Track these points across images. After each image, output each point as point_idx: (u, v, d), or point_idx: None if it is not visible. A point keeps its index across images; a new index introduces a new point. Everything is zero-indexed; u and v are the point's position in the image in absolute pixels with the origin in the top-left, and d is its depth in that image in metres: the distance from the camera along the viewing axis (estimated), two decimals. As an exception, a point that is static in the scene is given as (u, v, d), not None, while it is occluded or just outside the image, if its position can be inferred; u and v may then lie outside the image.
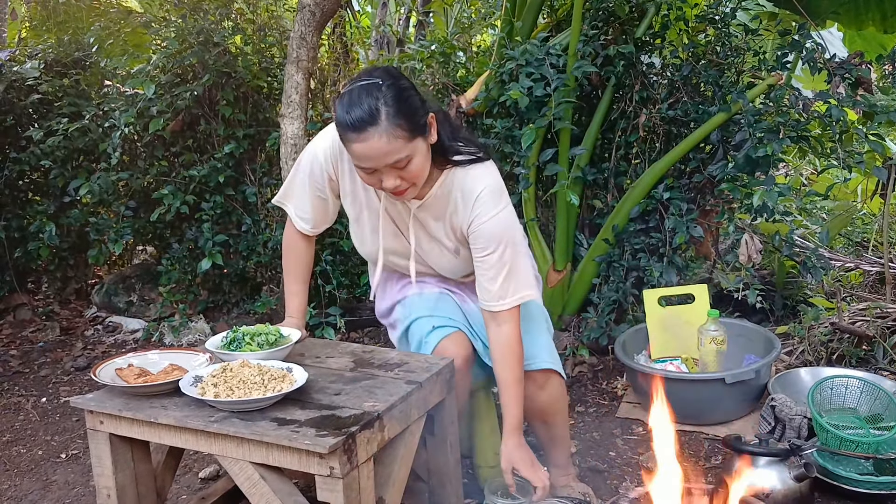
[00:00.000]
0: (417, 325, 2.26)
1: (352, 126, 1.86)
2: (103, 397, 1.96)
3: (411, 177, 1.96)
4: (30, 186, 4.61)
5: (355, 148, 1.89)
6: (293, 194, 2.28)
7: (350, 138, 1.88)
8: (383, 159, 1.89)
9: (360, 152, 1.89)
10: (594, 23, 3.56)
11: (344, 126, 1.88)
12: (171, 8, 4.39)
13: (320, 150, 2.16)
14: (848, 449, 2.45)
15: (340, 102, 1.90)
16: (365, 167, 1.93)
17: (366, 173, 1.95)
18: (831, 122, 3.03)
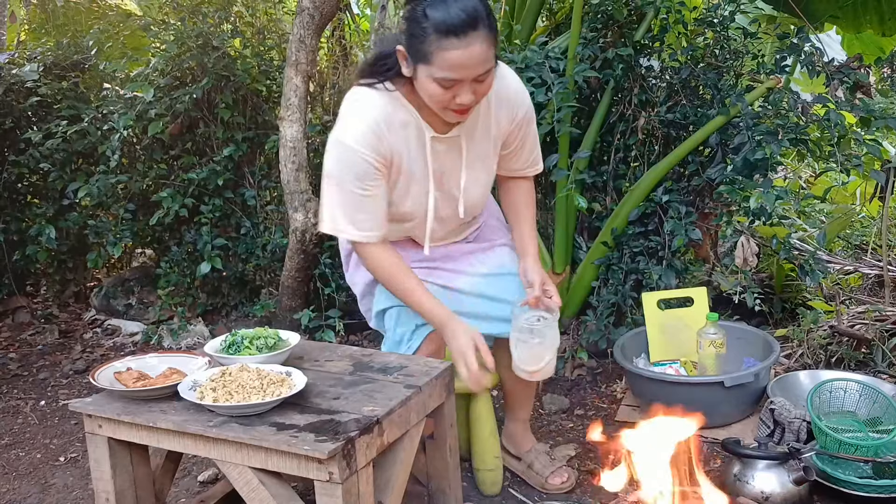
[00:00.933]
0: (398, 319, 2.24)
1: (454, 29, 1.74)
2: (102, 401, 1.96)
3: (483, 90, 1.88)
4: (28, 189, 4.60)
5: (453, 55, 1.76)
6: (343, 214, 2.01)
7: (448, 45, 1.76)
8: (476, 68, 1.81)
9: (457, 60, 1.77)
10: (593, 26, 3.56)
11: (444, 30, 1.75)
12: (169, 11, 4.39)
13: (356, 143, 1.94)
14: (847, 452, 2.45)
15: (431, 6, 1.76)
16: (453, 78, 1.80)
17: (443, 87, 1.82)
18: (829, 125, 3.03)
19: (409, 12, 1.83)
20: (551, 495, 2.53)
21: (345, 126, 1.97)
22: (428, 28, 1.77)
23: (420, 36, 1.79)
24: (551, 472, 2.54)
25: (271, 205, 4.24)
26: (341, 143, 1.96)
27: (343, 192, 1.98)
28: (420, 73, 1.85)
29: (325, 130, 4.02)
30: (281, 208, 4.07)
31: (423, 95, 1.90)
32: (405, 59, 1.88)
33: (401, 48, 1.87)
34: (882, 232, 4.03)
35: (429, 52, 1.79)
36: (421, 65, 1.83)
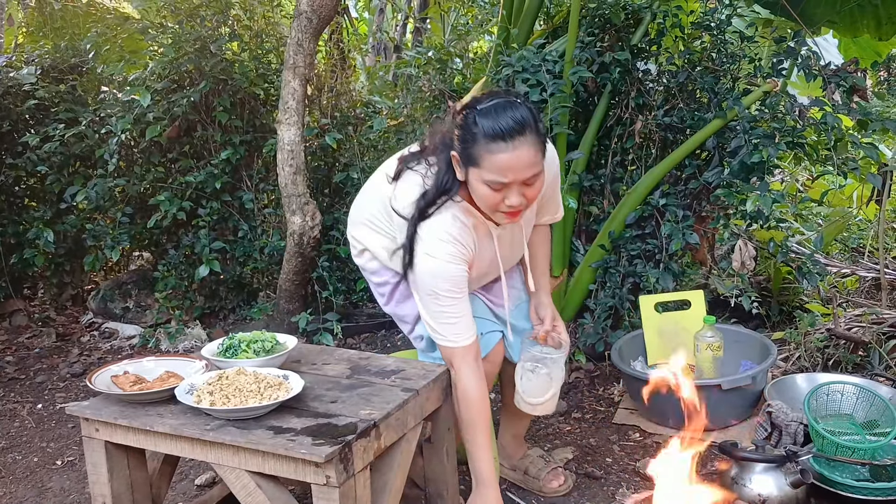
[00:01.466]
0: None
1: (503, 133, 1.87)
2: (99, 405, 1.96)
3: (533, 195, 1.98)
4: (26, 192, 4.60)
5: (501, 158, 1.87)
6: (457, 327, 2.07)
7: (496, 148, 1.87)
8: (525, 171, 1.90)
9: (505, 163, 1.88)
10: (590, 30, 3.57)
11: (493, 135, 1.87)
12: (167, 14, 4.40)
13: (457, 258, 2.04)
14: (844, 455, 2.45)
15: (480, 115, 1.90)
16: (503, 181, 1.90)
17: (493, 190, 1.92)
18: (826, 128, 3.04)
19: (462, 119, 1.96)
20: (549, 499, 2.53)
21: (430, 247, 2.03)
22: (478, 133, 1.89)
23: (471, 141, 1.91)
24: (547, 475, 2.55)
25: (269, 208, 4.25)
26: (431, 260, 2.02)
27: (439, 305, 2.05)
28: (471, 176, 1.95)
29: (322, 134, 4.02)
30: (278, 211, 4.07)
31: (475, 197, 2.00)
32: (458, 164, 1.98)
33: (455, 153, 1.98)
34: (879, 235, 4.03)
35: (479, 155, 1.90)
36: (472, 168, 1.94)
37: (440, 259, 2.02)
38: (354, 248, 2.38)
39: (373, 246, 2.28)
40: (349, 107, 4.38)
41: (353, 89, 4.67)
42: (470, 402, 2.07)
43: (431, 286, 2.04)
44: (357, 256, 2.38)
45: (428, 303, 2.07)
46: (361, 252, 2.35)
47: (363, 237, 2.31)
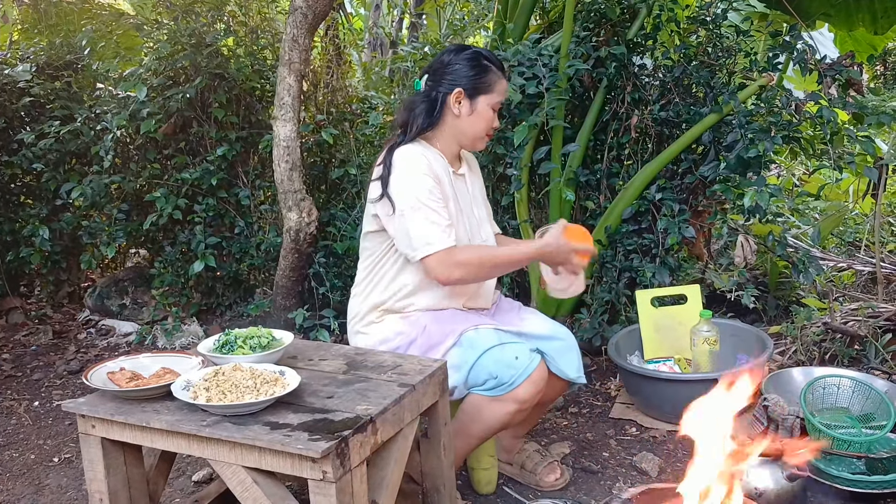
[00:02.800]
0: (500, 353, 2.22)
1: (502, 67, 2.40)
2: (95, 401, 1.95)
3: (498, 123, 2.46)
4: (22, 190, 4.59)
5: (504, 84, 2.39)
6: (434, 229, 2.23)
7: (502, 76, 2.38)
8: (506, 95, 2.43)
9: (505, 87, 2.40)
10: (586, 24, 3.56)
11: (499, 67, 2.38)
12: (163, 10, 4.39)
13: (422, 167, 2.28)
14: (840, 448, 2.46)
15: (486, 55, 2.37)
16: (502, 101, 2.40)
17: (493, 112, 2.38)
18: (822, 122, 3.04)
19: (472, 60, 2.36)
20: (546, 493, 2.53)
21: (403, 166, 2.29)
22: (491, 67, 2.36)
23: (485, 73, 2.35)
24: (543, 469, 2.56)
25: (265, 204, 4.24)
26: (407, 175, 2.27)
27: (426, 214, 2.23)
28: (480, 104, 2.36)
29: (318, 129, 4.02)
30: (275, 208, 4.07)
31: (475, 125, 2.38)
32: (461, 97, 2.34)
33: (460, 90, 2.33)
34: (875, 229, 4.04)
35: (492, 82, 2.35)
36: (483, 96, 2.35)
37: (416, 172, 2.26)
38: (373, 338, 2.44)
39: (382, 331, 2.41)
40: (345, 102, 4.37)
41: (348, 85, 4.66)
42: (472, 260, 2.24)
43: (414, 196, 2.24)
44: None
45: (411, 216, 2.23)
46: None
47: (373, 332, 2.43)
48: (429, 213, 2.22)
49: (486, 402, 2.23)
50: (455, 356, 2.25)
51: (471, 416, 2.27)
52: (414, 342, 2.31)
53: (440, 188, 2.30)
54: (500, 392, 2.20)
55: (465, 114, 2.36)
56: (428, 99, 2.37)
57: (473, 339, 2.25)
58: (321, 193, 4.27)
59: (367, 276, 2.44)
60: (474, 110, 2.36)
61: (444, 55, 2.40)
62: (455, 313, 2.35)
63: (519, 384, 2.18)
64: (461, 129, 2.38)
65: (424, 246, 2.21)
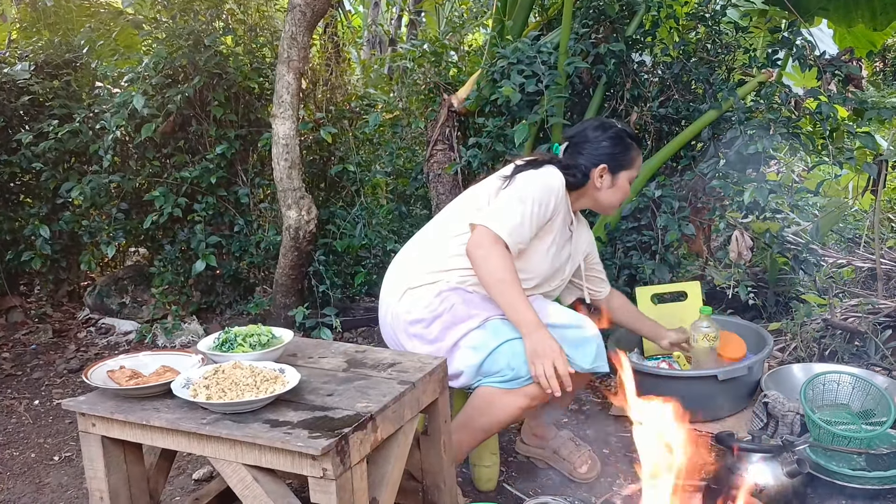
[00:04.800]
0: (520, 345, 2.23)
1: (639, 141, 2.61)
2: (95, 400, 1.95)
3: None
4: (21, 189, 4.59)
5: (639, 159, 2.58)
6: (516, 224, 2.29)
7: (638, 151, 2.56)
8: None
9: (640, 161, 2.60)
10: (585, 21, 3.56)
11: (638, 140, 2.58)
12: (161, 9, 4.38)
13: (557, 188, 2.39)
14: (840, 444, 2.46)
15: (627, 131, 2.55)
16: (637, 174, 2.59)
17: (630, 182, 2.57)
18: (822, 118, 3.04)
19: (611, 136, 2.52)
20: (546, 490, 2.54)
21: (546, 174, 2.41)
22: (633, 145, 2.54)
23: (628, 151, 2.52)
24: (578, 458, 2.61)
25: (264, 202, 4.24)
26: (544, 179, 2.39)
27: (524, 211, 2.31)
28: (621, 178, 2.53)
29: (317, 127, 4.01)
30: (274, 206, 4.07)
31: (614, 197, 2.56)
32: (604, 173, 2.50)
33: (604, 166, 2.49)
34: (874, 225, 4.04)
35: (632, 158, 2.53)
36: (624, 171, 2.52)
37: (546, 182, 2.38)
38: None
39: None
40: (344, 100, 4.37)
41: (348, 83, 4.66)
42: (501, 267, 2.23)
43: (529, 192, 2.33)
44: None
45: (511, 199, 2.32)
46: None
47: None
48: (525, 212, 2.30)
49: (498, 395, 2.24)
50: (476, 338, 2.28)
51: (480, 409, 2.27)
52: (439, 317, 2.32)
53: (552, 217, 2.41)
54: (515, 385, 2.22)
55: (605, 186, 2.52)
56: (578, 167, 2.50)
57: (498, 326, 2.28)
58: (320, 191, 4.27)
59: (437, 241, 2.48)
60: (615, 184, 2.53)
61: (591, 129, 2.55)
62: (486, 299, 2.35)
63: (534, 380, 2.19)
64: (599, 199, 2.55)
65: (495, 221, 2.27)
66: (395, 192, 4.40)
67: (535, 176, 2.39)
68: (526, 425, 2.74)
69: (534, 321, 2.21)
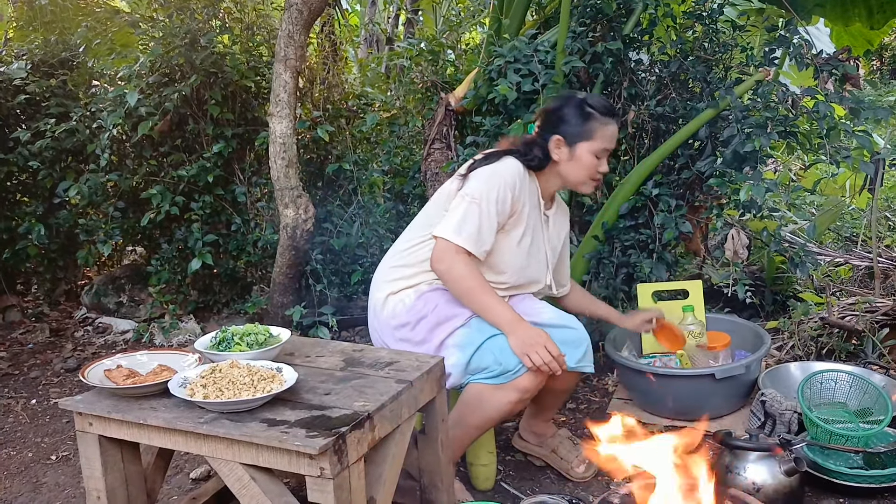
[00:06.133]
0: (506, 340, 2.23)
1: (611, 112, 2.43)
2: (92, 399, 1.95)
3: (608, 166, 2.48)
4: (18, 188, 4.58)
5: (610, 129, 2.42)
6: (472, 229, 2.26)
7: (609, 122, 2.40)
8: (614, 142, 2.46)
9: (612, 133, 2.43)
10: (582, 20, 3.56)
11: (605, 112, 2.40)
12: (158, 8, 4.37)
13: (512, 181, 2.33)
14: (838, 443, 2.46)
15: (588, 101, 2.41)
16: (607, 148, 2.41)
17: (596, 158, 2.41)
18: (819, 117, 3.03)
19: (570, 106, 2.42)
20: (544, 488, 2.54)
21: (500, 167, 2.35)
22: (594, 113, 2.39)
23: (585, 120, 2.39)
24: (576, 459, 2.61)
25: (262, 201, 4.23)
26: (497, 174, 2.33)
27: (480, 213, 2.27)
28: (580, 150, 2.40)
29: (314, 126, 4.01)
30: (271, 205, 4.06)
31: (576, 170, 2.42)
32: (560, 145, 2.40)
33: (558, 137, 2.40)
34: (872, 223, 4.04)
35: (593, 129, 2.39)
36: (583, 142, 2.39)
37: (501, 179, 2.30)
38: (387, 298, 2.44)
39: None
40: (341, 99, 4.37)
41: (345, 81, 4.66)
42: (466, 275, 2.23)
43: (482, 193, 2.27)
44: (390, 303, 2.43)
45: (467, 204, 2.27)
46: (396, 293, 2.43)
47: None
48: (483, 213, 2.26)
49: (487, 391, 2.24)
50: (461, 336, 2.29)
51: (471, 406, 2.28)
52: (424, 318, 2.33)
53: (515, 210, 2.35)
54: (504, 380, 2.21)
55: (564, 160, 2.42)
56: (538, 142, 2.44)
57: (481, 323, 2.28)
58: (317, 190, 4.26)
59: (410, 246, 2.47)
60: (573, 156, 2.41)
61: (553, 102, 2.50)
62: None
63: (522, 373, 2.20)
64: (562, 174, 2.45)
65: (451, 230, 2.25)
66: (392, 190, 4.40)
67: (489, 173, 2.33)
68: (524, 422, 2.74)
69: (512, 318, 2.23)
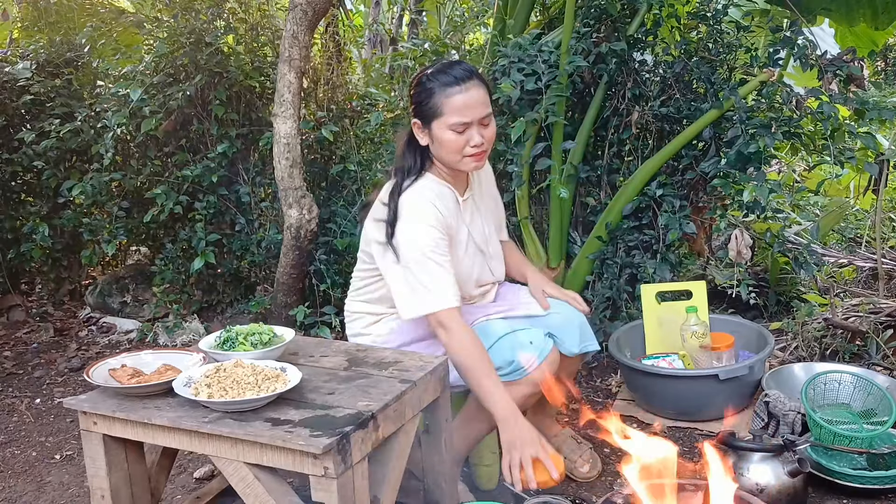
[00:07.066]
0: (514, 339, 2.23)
1: (456, 80, 2.14)
2: (97, 398, 1.96)
3: (490, 135, 2.21)
4: (22, 187, 4.59)
5: (458, 99, 2.12)
6: (432, 288, 2.14)
7: (454, 92, 2.13)
8: (479, 109, 2.15)
9: (463, 102, 2.13)
10: (586, 20, 3.56)
11: (447, 82, 2.13)
12: (162, 8, 4.38)
13: (435, 221, 2.18)
14: (841, 444, 2.46)
15: (432, 75, 2.17)
16: (464, 120, 2.13)
17: (457, 133, 2.15)
18: (823, 118, 3.03)
19: (415, 87, 2.21)
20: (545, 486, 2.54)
21: (411, 213, 2.18)
22: (434, 86, 2.15)
23: (428, 96, 2.15)
24: (580, 458, 2.60)
25: (265, 201, 4.24)
26: (414, 225, 2.17)
27: (426, 268, 2.15)
28: (436, 130, 2.18)
29: (318, 126, 4.01)
30: (275, 205, 4.06)
31: (443, 152, 2.20)
32: (420, 129, 2.21)
33: (416, 121, 2.21)
34: (876, 225, 4.04)
35: (439, 104, 2.14)
36: (435, 121, 2.16)
37: (424, 223, 2.16)
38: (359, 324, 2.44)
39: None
40: (345, 99, 4.37)
41: (349, 82, 4.66)
42: (470, 350, 2.12)
43: (420, 249, 2.15)
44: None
45: (416, 269, 2.15)
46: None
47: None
48: (433, 269, 2.15)
49: None
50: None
51: None
52: (422, 340, 2.31)
53: (448, 234, 2.22)
54: (517, 377, 2.21)
55: (429, 142, 2.23)
56: (408, 135, 2.28)
57: (485, 327, 2.27)
58: (321, 190, 4.26)
59: (365, 285, 2.41)
60: (434, 138, 2.20)
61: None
62: (465, 309, 2.32)
63: (535, 367, 2.19)
64: (438, 156, 2.25)
65: (421, 305, 2.15)
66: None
67: (409, 230, 2.17)
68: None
69: (509, 412, 2.08)
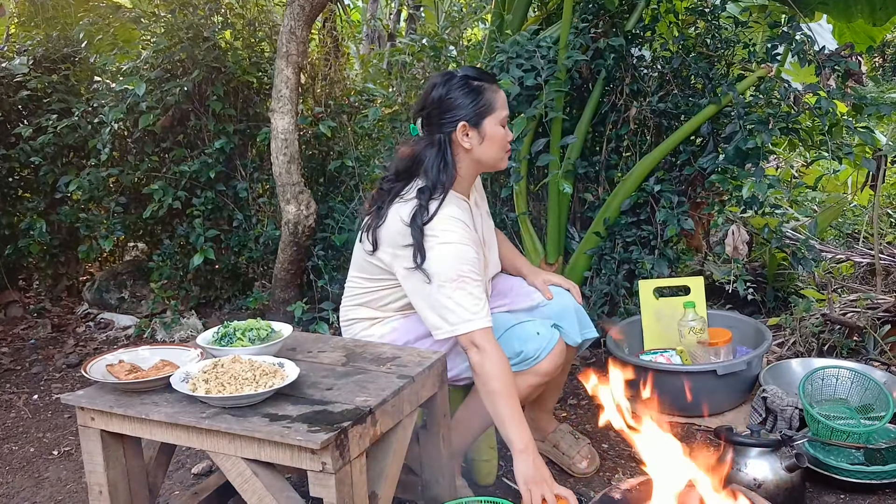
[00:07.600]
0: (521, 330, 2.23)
1: (493, 77, 2.30)
2: (94, 394, 1.95)
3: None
4: (20, 183, 4.58)
5: (502, 94, 2.26)
6: (477, 305, 2.11)
7: (496, 87, 2.25)
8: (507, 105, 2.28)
9: (504, 97, 2.26)
10: (584, 16, 3.55)
11: (490, 80, 2.25)
12: (160, 3, 4.37)
13: (469, 241, 2.17)
14: (839, 439, 2.46)
15: (469, 75, 2.23)
16: (507, 113, 2.25)
17: (503, 127, 2.24)
18: (821, 113, 3.03)
19: (455, 89, 2.21)
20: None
21: (445, 234, 2.14)
22: (483, 84, 2.22)
23: (478, 95, 2.21)
24: (578, 454, 2.60)
25: (263, 197, 4.23)
26: (451, 247, 2.13)
27: (464, 287, 2.11)
28: (488, 127, 2.22)
29: (316, 122, 4.01)
30: (273, 200, 4.06)
31: (492, 150, 2.25)
32: (467, 130, 2.20)
33: (463, 123, 2.19)
34: (873, 220, 4.04)
35: (491, 100, 2.22)
36: (488, 117, 2.22)
37: (457, 243, 2.14)
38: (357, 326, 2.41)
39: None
40: (343, 95, 4.36)
41: (346, 77, 4.65)
42: (501, 373, 2.08)
43: (458, 270, 2.11)
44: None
45: (451, 289, 2.10)
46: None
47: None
48: (470, 288, 2.11)
49: None
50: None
51: None
52: (422, 338, 2.28)
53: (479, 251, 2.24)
54: (525, 367, 2.21)
55: (475, 144, 2.22)
56: (434, 147, 2.22)
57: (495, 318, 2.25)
58: (319, 186, 4.26)
59: (367, 293, 2.35)
60: (484, 136, 2.22)
61: (432, 91, 2.23)
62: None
63: (543, 357, 2.20)
64: (478, 159, 2.25)
65: (461, 323, 2.10)
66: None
67: (447, 252, 2.12)
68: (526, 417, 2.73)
69: (527, 444, 2.07)
